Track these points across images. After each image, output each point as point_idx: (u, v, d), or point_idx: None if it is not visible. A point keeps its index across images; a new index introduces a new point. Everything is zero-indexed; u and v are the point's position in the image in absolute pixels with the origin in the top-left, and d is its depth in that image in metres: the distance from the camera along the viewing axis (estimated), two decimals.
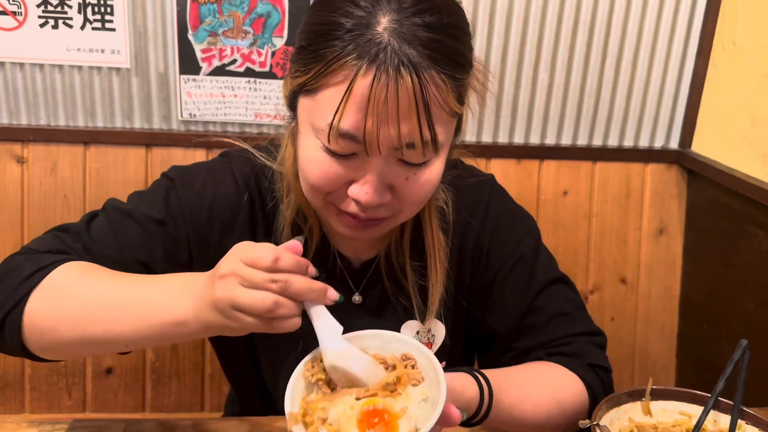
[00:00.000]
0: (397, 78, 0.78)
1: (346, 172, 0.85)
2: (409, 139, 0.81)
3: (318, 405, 0.73)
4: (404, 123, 0.80)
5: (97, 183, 1.69)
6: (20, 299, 0.86)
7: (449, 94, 0.83)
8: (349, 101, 0.79)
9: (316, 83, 0.82)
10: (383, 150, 0.82)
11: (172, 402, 1.77)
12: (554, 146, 1.82)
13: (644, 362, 1.90)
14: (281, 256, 0.74)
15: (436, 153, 0.85)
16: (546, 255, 1.10)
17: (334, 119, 0.81)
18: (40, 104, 1.67)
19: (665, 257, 1.87)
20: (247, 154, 1.03)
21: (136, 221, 0.98)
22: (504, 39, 1.73)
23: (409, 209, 0.90)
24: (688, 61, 1.78)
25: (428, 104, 0.80)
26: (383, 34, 0.79)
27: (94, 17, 1.61)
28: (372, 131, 0.80)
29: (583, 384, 1.00)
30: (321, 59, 0.81)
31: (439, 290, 1.01)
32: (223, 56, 1.66)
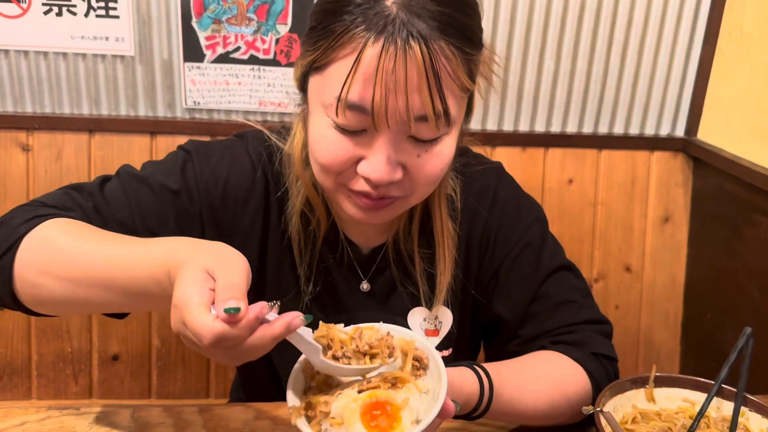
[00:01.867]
0: (405, 48, 0.78)
1: (355, 149, 0.84)
2: (421, 112, 0.81)
3: (320, 399, 0.74)
4: (414, 94, 0.80)
5: (101, 170, 1.69)
6: (9, 247, 0.85)
7: (459, 67, 0.83)
8: (357, 72, 0.79)
9: (325, 59, 0.83)
10: (392, 123, 0.81)
11: (177, 388, 1.78)
12: (559, 134, 1.82)
13: (649, 350, 1.90)
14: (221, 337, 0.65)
15: (449, 127, 0.85)
16: (553, 242, 1.10)
17: (342, 91, 0.81)
18: (45, 92, 1.67)
19: (670, 245, 1.87)
20: (261, 135, 1.03)
21: (150, 188, 0.97)
22: (509, 26, 1.72)
23: (421, 190, 0.90)
24: (695, 48, 1.77)
25: (438, 75, 0.80)
26: (392, 7, 0.80)
27: (98, 5, 1.61)
28: (380, 103, 0.80)
29: (586, 374, 0.99)
30: (330, 34, 0.82)
31: (447, 278, 1.01)
32: (227, 44, 1.66)
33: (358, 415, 0.71)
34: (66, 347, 1.73)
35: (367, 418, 0.71)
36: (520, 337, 1.06)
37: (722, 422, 0.89)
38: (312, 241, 1.02)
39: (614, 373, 1.04)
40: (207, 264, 0.69)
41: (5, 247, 0.85)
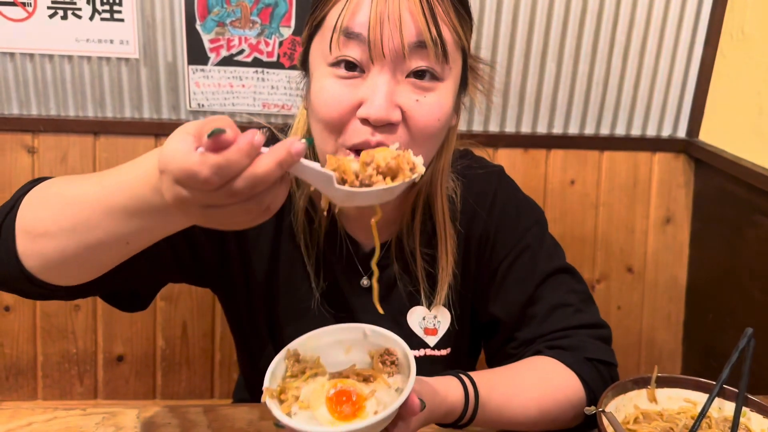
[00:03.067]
0: None
1: (354, 92, 0.85)
2: (416, 37, 0.83)
3: (293, 384, 0.77)
4: (408, 19, 0.83)
5: None
6: (10, 209, 0.82)
7: (450, 9, 0.86)
8: (351, 1, 0.83)
9: (321, 12, 0.86)
10: (388, 52, 0.83)
11: (182, 389, 1.79)
12: (561, 135, 1.82)
13: (650, 350, 1.90)
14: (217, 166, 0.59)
15: (446, 61, 0.86)
16: (552, 245, 1.10)
17: (338, 21, 0.83)
18: (50, 95, 1.68)
19: (672, 246, 1.88)
20: (269, 133, 1.04)
21: None
22: (512, 28, 1.72)
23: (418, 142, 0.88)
24: (696, 50, 1.78)
25: (432, 5, 0.83)
26: None
27: (103, 8, 1.62)
28: (375, 27, 0.82)
29: (578, 380, 0.99)
30: None
31: (447, 277, 1.02)
32: (230, 46, 1.67)
33: (324, 399, 0.74)
34: (71, 348, 1.74)
35: (332, 403, 0.74)
36: (516, 340, 1.06)
37: (724, 422, 0.90)
38: (316, 238, 1.03)
39: (610, 378, 1.02)
40: (187, 126, 0.64)
41: (6, 209, 0.82)
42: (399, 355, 0.81)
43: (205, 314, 1.76)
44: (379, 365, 0.80)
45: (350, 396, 0.75)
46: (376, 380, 0.79)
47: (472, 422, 0.91)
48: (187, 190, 0.61)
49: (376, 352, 0.82)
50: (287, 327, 1.06)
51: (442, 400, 0.87)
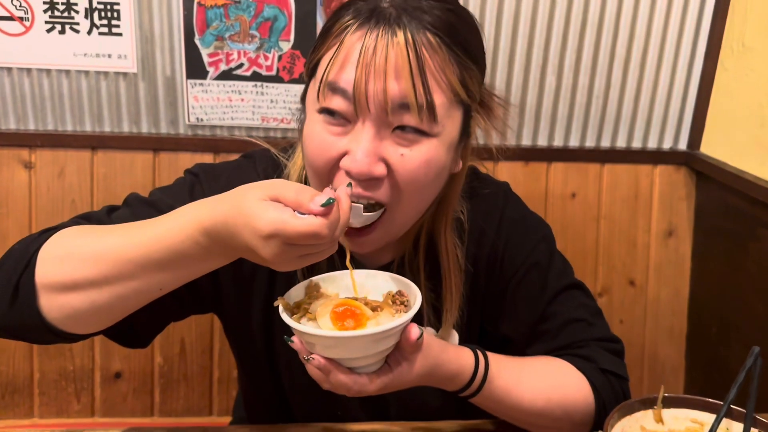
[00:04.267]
0: (389, 36, 0.81)
1: (339, 141, 0.84)
2: (401, 98, 0.81)
3: (306, 301, 0.83)
4: (393, 79, 0.81)
5: (104, 188, 1.69)
6: (26, 265, 0.81)
7: (448, 65, 0.83)
8: (339, 54, 0.82)
9: (317, 55, 0.87)
10: (372, 107, 0.81)
11: (180, 406, 1.77)
12: (562, 148, 1.81)
13: (653, 365, 1.89)
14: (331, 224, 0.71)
15: (434, 123, 0.84)
16: (560, 261, 1.09)
17: (324, 73, 0.83)
18: (48, 109, 1.67)
19: (674, 259, 1.86)
20: (269, 153, 1.03)
21: (160, 212, 0.93)
22: (511, 41, 1.72)
23: (405, 199, 0.87)
24: (697, 62, 1.77)
25: (422, 65, 0.81)
26: (384, 3, 0.84)
27: (101, 22, 1.61)
28: (360, 84, 0.81)
29: (590, 386, 0.98)
30: (324, 34, 0.86)
31: (454, 313, 1.00)
32: (229, 60, 1.66)
33: (329, 311, 0.78)
34: (68, 365, 1.72)
35: (336, 316, 0.78)
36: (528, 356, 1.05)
37: None
38: (317, 263, 1.01)
39: (622, 392, 1.02)
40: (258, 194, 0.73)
41: (22, 266, 0.82)
42: (410, 298, 0.84)
43: (203, 331, 1.74)
44: (389, 301, 0.83)
45: (354, 313, 0.79)
46: (383, 311, 0.81)
47: (478, 394, 0.90)
48: (299, 247, 0.72)
49: (390, 293, 0.86)
50: (287, 353, 1.05)
51: (452, 358, 0.87)
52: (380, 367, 0.81)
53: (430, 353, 0.84)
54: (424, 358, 0.83)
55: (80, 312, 0.81)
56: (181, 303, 1.00)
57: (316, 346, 0.77)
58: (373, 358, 0.79)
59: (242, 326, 1.07)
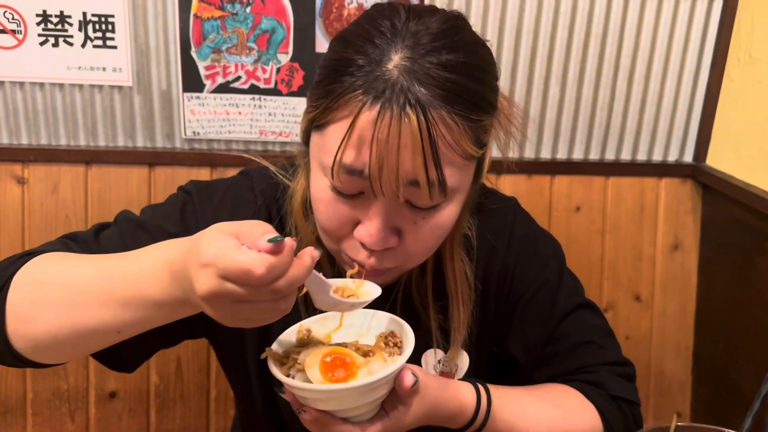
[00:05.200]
0: (401, 116, 0.75)
1: (352, 212, 0.82)
2: (412, 177, 0.78)
3: (295, 350, 0.81)
4: (406, 161, 0.77)
5: (99, 203, 1.66)
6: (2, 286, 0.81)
7: (462, 136, 0.79)
8: (353, 137, 0.77)
9: (324, 118, 0.81)
10: (386, 189, 0.79)
11: (176, 426, 1.73)
12: (566, 161, 1.78)
13: (660, 381, 1.86)
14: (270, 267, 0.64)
15: (445, 197, 0.82)
16: (571, 280, 1.07)
17: (337, 155, 0.78)
18: (41, 124, 1.64)
19: (680, 274, 1.83)
20: (267, 171, 1.01)
21: (148, 233, 0.94)
22: (514, 53, 1.69)
23: (417, 258, 0.88)
24: (702, 73, 1.74)
25: (435, 144, 0.77)
26: (393, 71, 0.77)
27: (95, 35, 1.58)
28: (375, 168, 0.77)
29: (599, 415, 0.96)
30: (329, 94, 0.80)
31: (462, 332, 0.97)
32: (227, 73, 1.62)
33: (319, 361, 0.77)
34: (62, 384, 1.69)
35: (326, 367, 0.76)
36: (534, 380, 1.03)
37: None
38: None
39: (633, 418, 1.00)
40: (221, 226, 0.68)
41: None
42: (403, 339, 0.82)
43: (200, 349, 1.71)
44: (381, 344, 0.82)
45: (344, 362, 0.77)
46: (374, 355, 0.80)
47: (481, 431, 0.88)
48: (231, 284, 0.64)
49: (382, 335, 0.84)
50: None
51: (451, 396, 0.85)
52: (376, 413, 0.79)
53: (427, 394, 0.82)
54: (422, 399, 0.81)
55: (42, 343, 0.79)
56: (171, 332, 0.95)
57: (306, 399, 0.75)
58: (367, 407, 0.77)
59: (236, 354, 1.04)
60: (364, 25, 0.83)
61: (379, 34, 0.80)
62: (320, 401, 0.75)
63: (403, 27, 0.80)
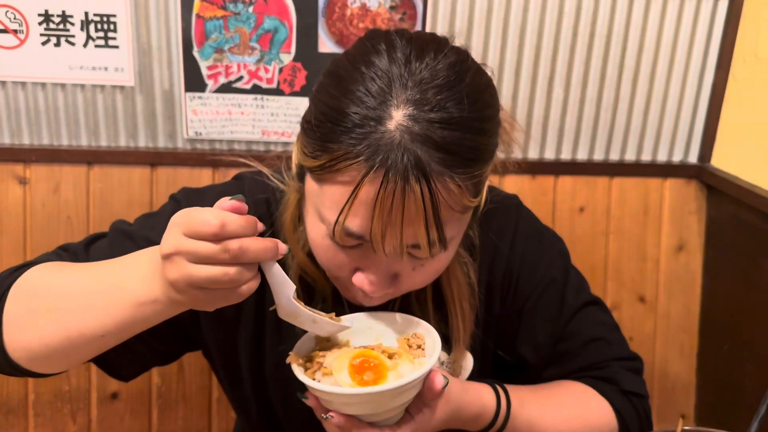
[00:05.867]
0: (405, 187, 0.73)
1: (351, 260, 0.82)
2: (414, 242, 0.78)
3: (319, 353, 0.80)
4: (410, 228, 0.76)
5: (101, 203, 1.65)
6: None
7: (464, 194, 0.78)
8: (355, 204, 0.75)
9: (323, 174, 0.78)
10: (388, 250, 0.78)
11: (179, 427, 1.73)
12: (570, 161, 1.77)
13: (664, 382, 1.85)
14: (227, 221, 0.68)
15: (445, 249, 0.82)
16: (576, 277, 1.07)
17: (339, 218, 0.77)
18: (43, 124, 1.63)
19: (684, 275, 1.82)
20: (261, 176, 0.99)
21: (135, 244, 0.94)
22: (518, 53, 1.68)
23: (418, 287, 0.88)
24: (707, 74, 1.73)
25: (438, 210, 0.76)
26: (395, 133, 0.73)
27: (97, 35, 1.57)
28: (377, 234, 0.76)
29: (613, 411, 0.97)
30: (328, 152, 0.76)
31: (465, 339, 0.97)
32: (229, 73, 1.62)
33: (347, 365, 0.76)
34: (64, 385, 1.68)
35: (354, 370, 0.76)
36: (545, 379, 1.03)
37: None
38: (312, 299, 0.98)
39: (644, 411, 1.02)
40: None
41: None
42: (427, 340, 0.81)
43: None
44: (405, 346, 0.81)
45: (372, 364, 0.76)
46: (401, 357, 0.79)
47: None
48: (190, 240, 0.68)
49: (404, 337, 0.84)
50: (277, 389, 1.02)
51: (474, 399, 0.86)
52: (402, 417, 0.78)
53: (451, 397, 0.82)
54: (446, 403, 0.81)
55: (37, 352, 0.82)
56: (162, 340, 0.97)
57: (333, 403, 0.74)
58: (395, 411, 0.76)
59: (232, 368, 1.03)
60: (360, 65, 0.77)
61: (377, 79, 0.75)
62: (349, 405, 0.74)
63: (404, 72, 0.75)
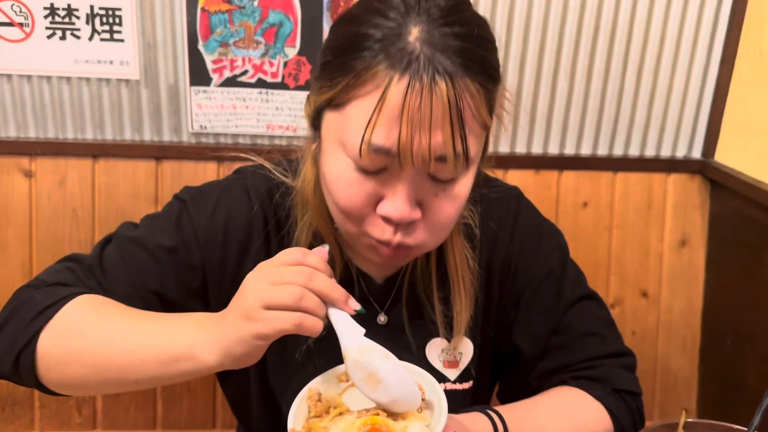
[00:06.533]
0: (431, 85, 0.75)
1: (375, 188, 0.81)
2: (442, 152, 0.78)
3: (320, 424, 0.75)
4: (438, 132, 0.77)
5: (106, 197, 1.66)
6: (32, 337, 0.86)
7: (482, 105, 0.80)
8: (383, 112, 0.76)
9: (345, 96, 0.79)
10: (417, 161, 0.78)
11: (183, 419, 1.74)
12: (574, 156, 1.78)
13: (666, 376, 1.86)
14: (308, 255, 0.77)
15: (467, 168, 0.82)
16: (574, 271, 1.07)
17: (366, 132, 0.77)
18: (48, 117, 1.64)
19: (687, 270, 1.83)
20: (262, 170, 1.00)
21: (147, 250, 0.95)
22: (522, 47, 1.68)
23: (436, 235, 0.87)
24: (712, 68, 1.73)
25: (462, 114, 0.78)
26: (414, 43, 0.77)
27: (103, 28, 1.58)
28: (406, 141, 0.77)
29: (607, 413, 0.98)
30: (350, 71, 0.78)
31: (465, 317, 0.97)
32: (234, 67, 1.62)
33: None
34: None
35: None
36: (539, 370, 1.04)
37: None
38: None
39: (637, 409, 1.02)
40: None
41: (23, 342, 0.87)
42: (427, 390, 0.79)
43: None
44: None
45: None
46: (406, 418, 0.76)
47: None
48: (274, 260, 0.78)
49: None
50: (295, 375, 1.02)
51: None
52: None
53: None
54: None
55: (70, 387, 0.89)
56: None
57: None
58: None
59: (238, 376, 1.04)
60: (373, 2, 0.82)
61: (392, 9, 0.79)
62: None
63: (415, 3, 0.80)
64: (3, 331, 0.90)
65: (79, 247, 1.65)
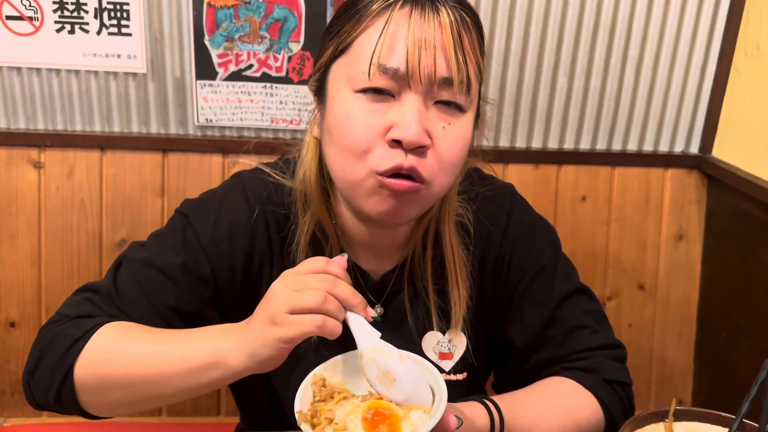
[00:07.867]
0: (433, 10, 0.84)
1: (384, 116, 0.85)
2: (446, 73, 0.84)
3: (325, 407, 0.77)
4: (441, 54, 0.84)
5: (113, 188, 1.69)
6: (68, 370, 0.90)
7: (475, 44, 0.88)
8: (387, 33, 0.84)
9: (349, 37, 0.87)
10: (424, 79, 0.84)
11: (188, 406, 1.77)
12: (573, 151, 1.80)
13: (662, 369, 1.88)
14: (330, 263, 0.81)
15: (469, 97, 0.88)
16: (566, 265, 1.09)
17: (373, 55, 0.83)
18: (57, 109, 1.67)
19: (684, 263, 1.85)
20: (260, 174, 1.02)
21: (159, 270, 0.98)
22: (523, 43, 1.71)
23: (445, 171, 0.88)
24: (710, 65, 1.76)
25: (463, 42, 0.85)
26: None
27: (111, 22, 1.61)
28: (413, 59, 0.83)
29: (598, 403, 1.00)
30: (352, 16, 0.87)
31: (461, 308, 1.00)
32: (239, 61, 1.65)
33: (360, 420, 0.74)
34: None
35: (369, 425, 0.74)
36: (531, 363, 1.06)
37: None
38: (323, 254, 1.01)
39: (627, 399, 1.04)
40: None
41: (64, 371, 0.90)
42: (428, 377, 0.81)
43: None
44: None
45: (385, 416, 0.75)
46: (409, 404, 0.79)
47: None
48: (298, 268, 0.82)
49: None
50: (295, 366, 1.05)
51: (470, 424, 0.87)
52: None
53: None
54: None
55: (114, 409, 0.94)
56: None
57: None
58: None
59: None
60: None
61: None
62: None
63: None
64: (39, 368, 0.93)
65: (86, 237, 1.68)
